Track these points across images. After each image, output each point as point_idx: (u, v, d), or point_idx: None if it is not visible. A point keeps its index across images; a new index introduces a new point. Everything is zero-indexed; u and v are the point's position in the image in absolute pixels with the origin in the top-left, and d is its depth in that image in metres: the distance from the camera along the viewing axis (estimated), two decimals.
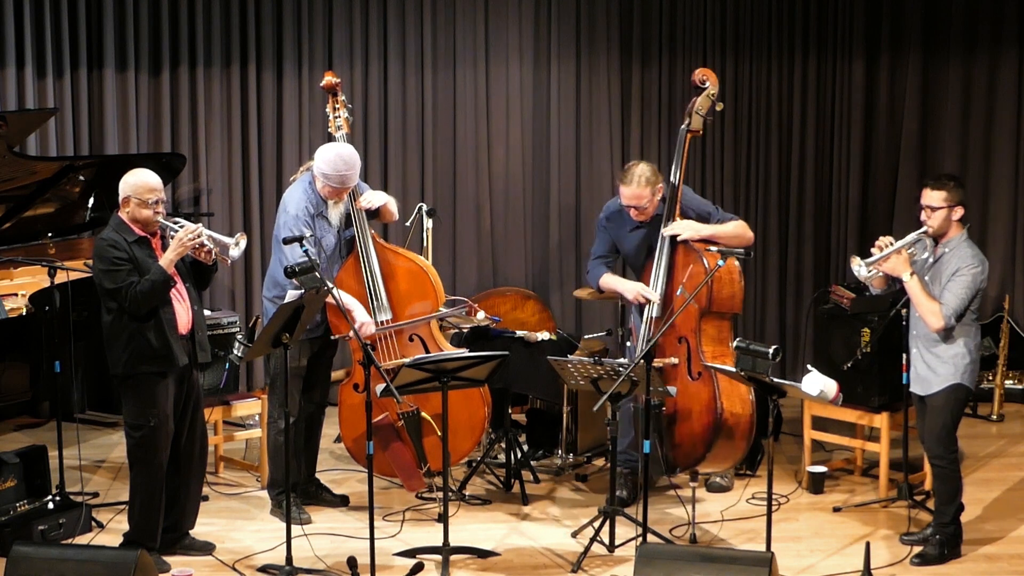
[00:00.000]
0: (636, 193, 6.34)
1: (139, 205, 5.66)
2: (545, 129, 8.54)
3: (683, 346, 6.25)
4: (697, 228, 6.35)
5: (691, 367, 6.24)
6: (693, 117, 6.51)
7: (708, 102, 6.52)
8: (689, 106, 6.55)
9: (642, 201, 6.35)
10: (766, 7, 8.49)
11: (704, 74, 6.55)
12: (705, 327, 6.26)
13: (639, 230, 6.48)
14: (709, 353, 6.24)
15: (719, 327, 6.31)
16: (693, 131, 6.52)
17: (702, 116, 6.52)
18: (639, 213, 6.40)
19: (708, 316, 6.24)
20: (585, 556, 5.88)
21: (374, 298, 6.37)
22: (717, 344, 6.29)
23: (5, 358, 6.60)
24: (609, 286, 6.58)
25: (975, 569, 5.84)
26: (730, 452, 6.26)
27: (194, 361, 5.83)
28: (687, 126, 6.51)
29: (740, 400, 6.17)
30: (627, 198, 6.37)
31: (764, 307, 8.75)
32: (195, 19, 8.12)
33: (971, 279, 5.71)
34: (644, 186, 6.33)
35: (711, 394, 6.16)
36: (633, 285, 6.45)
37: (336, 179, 6.21)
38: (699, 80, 6.55)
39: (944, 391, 5.79)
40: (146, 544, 5.65)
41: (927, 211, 5.82)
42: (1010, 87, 8.51)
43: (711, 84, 6.52)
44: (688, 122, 6.52)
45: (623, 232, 6.53)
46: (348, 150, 6.27)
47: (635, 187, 6.33)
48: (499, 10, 8.42)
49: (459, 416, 6.24)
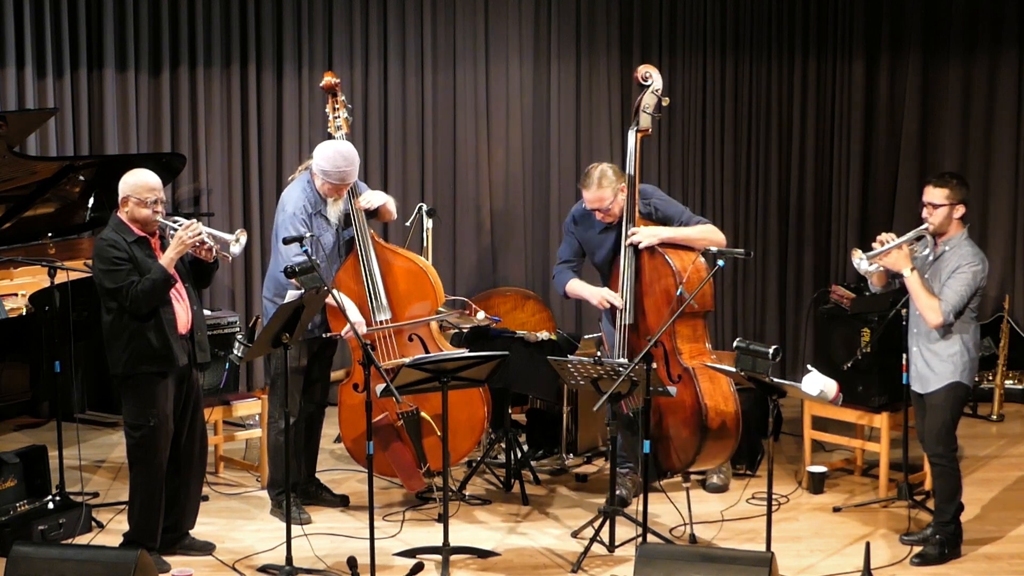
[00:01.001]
0: (597, 195, 6.32)
1: (138, 205, 5.67)
2: (545, 129, 8.54)
3: (659, 349, 6.19)
4: (656, 232, 6.30)
5: (670, 370, 6.22)
6: (641, 116, 6.41)
7: (654, 99, 6.41)
8: (635, 105, 6.46)
9: (604, 203, 6.32)
10: (766, 7, 8.49)
11: (647, 69, 6.44)
12: (679, 328, 6.24)
13: (608, 232, 6.45)
14: (686, 353, 6.24)
15: (693, 326, 6.30)
16: (642, 131, 6.42)
17: (649, 114, 6.41)
18: (604, 215, 6.37)
19: (680, 317, 6.15)
20: (585, 556, 5.88)
21: (373, 298, 6.37)
22: (693, 343, 6.28)
23: (5, 358, 6.59)
24: (576, 292, 6.55)
25: (975, 569, 5.84)
26: (721, 448, 6.27)
27: (194, 361, 5.83)
28: (636, 126, 6.42)
29: (723, 397, 6.17)
30: (589, 201, 6.35)
31: (764, 307, 8.75)
32: (195, 19, 8.12)
33: (971, 277, 5.72)
34: (605, 187, 6.30)
35: (693, 395, 6.16)
36: (597, 291, 6.44)
37: (336, 176, 6.21)
38: (642, 77, 6.43)
39: (943, 389, 5.79)
40: (146, 544, 5.65)
41: (929, 208, 5.82)
42: (1010, 87, 8.52)
43: (654, 80, 6.42)
44: (636, 121, 6.43)
45: (592, 234, 6.50)
46: (347, 147, 6.28)
47: (595, 189, 6.31)
48: (499, 10, 8.42)
49: (459, 416, 6.23)
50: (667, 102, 6.46)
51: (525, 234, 8.60)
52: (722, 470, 6.73)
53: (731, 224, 8.60)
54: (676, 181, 8.58)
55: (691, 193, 8.58)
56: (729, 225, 8.57)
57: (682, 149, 8.60)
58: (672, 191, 8.29)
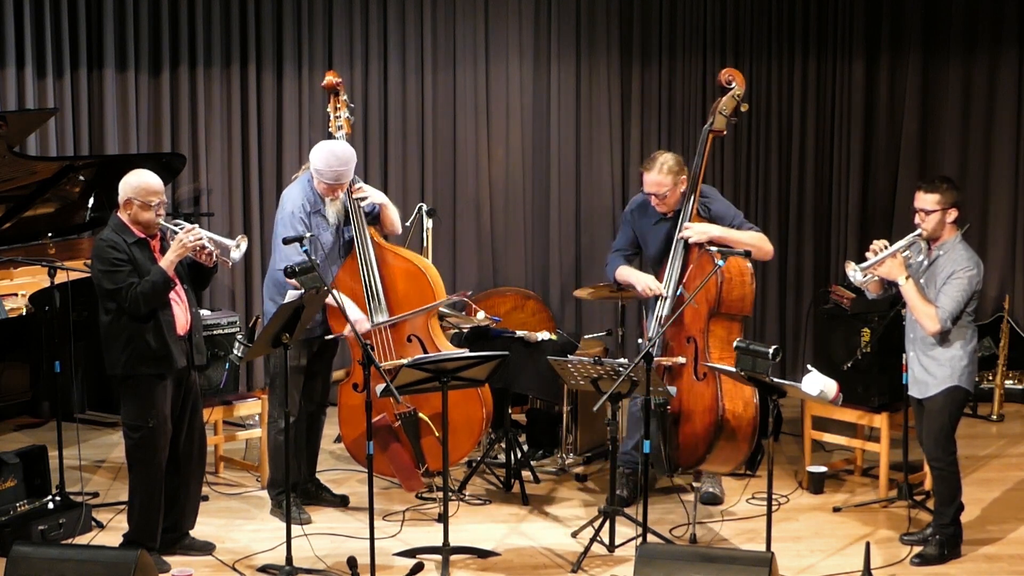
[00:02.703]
0: (657, 180, 6.32)
1: (141, 208, 5.65)
2: (545, 129, 8.54)
3: (691, 346, 6.23)
4: (707, 230, 6.32)
5: (697, 368, 6.23)
6: (716, 117, 6.49)
7: (733, 103, 6.49)
8: (714, 105, 6.53)
9: (662, 189, 6.33)
10: (766, 7, 8.49)
11: (730, 74, 6.52)
12: (714, 328, 6.25)
13: (663, 224, 6.45)
14: (716, 355, 6.21)
15: (728, 328, 6.29)
16: (716, 131, 6.49)
17: (726, 116, 6.49)
18: (660, 202, 6.37)
19: (717, 317, 6.21)
20: (585, 556, 5.88)
21: (372, 298, 6.36)
22: (725, 346, 6.26)
23: (5, 358, 6.60)
24: (624, 278, 6.56)
25: (975, 569, 5.84)
26: (732, 453, 6.25)
27: (191, 363, 5.82)
28: (710, 125, 6.49)
29: (743, 401, 6.16)
30: (648, 185, 6.36)
31: (764, 307, 8.75)
32: (195, 19, 8.12)
33: (967, 282, 5.71)
34: (666, 174, 6.32)
35: (714, 395, 6.16)
36: (644, 277, 6.45)
37: (330, 175, 6.21)
38: (725, 80, 6.52)
39: (942, 394, 5.79)
40: (146, 545, 5.65)
41: (921, 214, 5.81)
42: (1010, 87, 8.52)
43: (737, 84, 6.49)
44: (711, 121, 6.49)
45: (647, 225, 6.51)
46: (342, 146, 6.28)
47: (656, 174, 6.32)
48: (499, 10, 8.42)
49: (458, 418, 6.23)
50: (745, 108, 6.55)
51: (525, 234, 8.61)
52: (718, 481, 6.71)
53: None
54: None
55: None
56: None
57: (683, 149, 8.59)
58: None
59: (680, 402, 6.20)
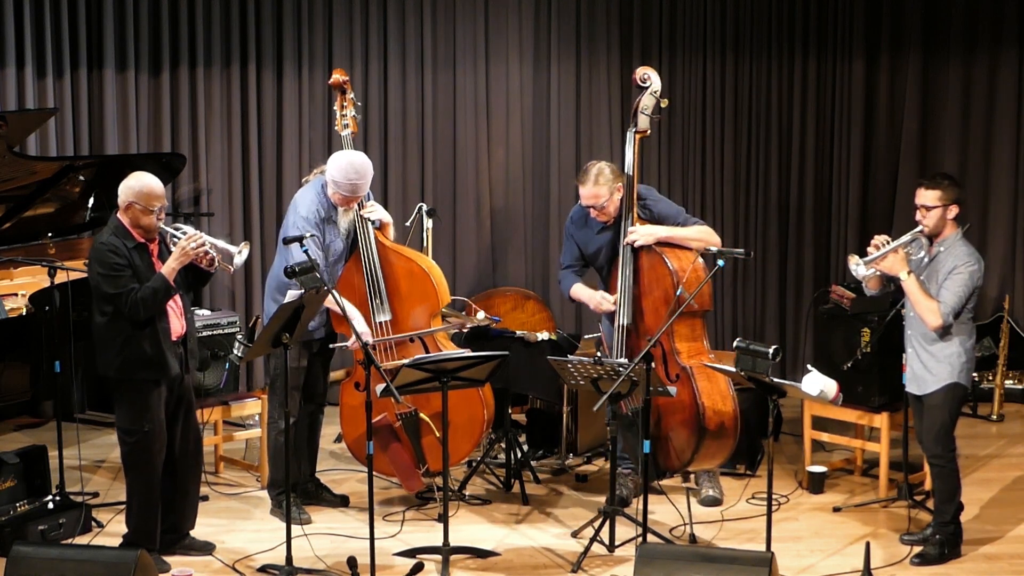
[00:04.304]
0: (593, 192, 6.31)
1: (143, 212, 5.61)
2: (545, 129, 8.54)
3: (657, 349, 6.18)
4: (653, 232, 6.31)
5: (668, 369, 6.22)
6: (639, 117, 6.41)
7: (653, 100, 6.41)
8: (634, 106, 6.44)
9: (599, 200, 6.32)
10: (766, 7, 8.49)
11: (645, 71, 6.44)
12: (677, 327, 6.23)
13: (605, 232, 6.44)
14: (684, 352, 6.23)
15: (692, 326, 6.29)
16: (640, 132, 6.41)
17: (648, 115, 6.41)
18: (599, 213, 6.36)
19: (679, 316, 6.13)
20: (585, 556, 5.88)
21: (374, 297, 6.36)
22: (691, 342, 6.28)
23: (5, 358, 6.60)
24: (577, 297, 6.56)
25: (975, 569, 5.84)
26: (719, 448, 6.25)
27: (185, 368, 5.81)
28: (635, 127, 6.42)
29: (721, 396, 6.16)
30: (585, 198, 6.35)
31: (764, 307, 8.75)
32: (195, 19, 8.12)
33: (968, 277, 5.72)
34: (602, 185, 6.29)
35: (691, 395, 6.16)
36: (596, 295, 6.44)
37: (347, 187, 6.18)
38: (640, 79, 6.43)
39: (941, 390, 5.80)
40: (145, 546, 5.63)
41: (922, 211, 5.82)
42: (1010, 87, 8.52)
43: (652, 81, 6.41)
44: (635, 122, 6.42)
45: (590, 235, 6.50)
46: (360, 159, 6.24)
47: (592, 186, 6.31)
48: (499, 10, 8.42)
49: (459, 419, 6.23)
50: (665, 103, 6.45)
51: (525, 234, 8.60)
52: (717, 483, 6.71)
53: (731, 224, 8.61)
54: (676, 181, 8.59)
55: (691, 193, 8.59)
56: (729, 225, 8.58)
57: (682, 149, 8.60)
58: (672, 191, 8.30)
59: (659, 407, 6.20)
